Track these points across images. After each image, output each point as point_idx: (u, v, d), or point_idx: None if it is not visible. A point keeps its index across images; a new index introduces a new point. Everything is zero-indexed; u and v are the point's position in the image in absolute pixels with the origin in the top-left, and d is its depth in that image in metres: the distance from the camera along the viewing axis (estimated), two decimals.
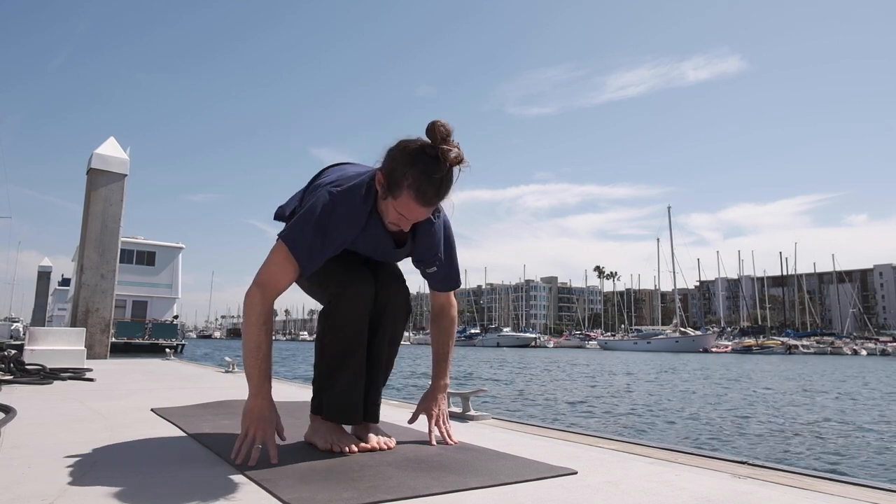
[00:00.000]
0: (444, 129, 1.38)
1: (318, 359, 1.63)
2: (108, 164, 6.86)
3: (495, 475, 1.36)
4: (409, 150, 1.41)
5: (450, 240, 1.71)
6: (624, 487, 1.31)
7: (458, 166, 1.40)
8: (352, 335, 1.57)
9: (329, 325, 1.58)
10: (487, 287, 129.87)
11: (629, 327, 73.79)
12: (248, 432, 1.44)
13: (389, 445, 1.63)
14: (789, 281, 79.99)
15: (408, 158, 1.40)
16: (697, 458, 1.66)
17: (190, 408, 2.41)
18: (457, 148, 1.39)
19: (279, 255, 1.48)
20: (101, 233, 6.72)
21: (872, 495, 1.29)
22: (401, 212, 1.45)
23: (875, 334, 64.42)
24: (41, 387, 3.33)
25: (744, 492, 1.29)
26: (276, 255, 1.48)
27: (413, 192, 1.40)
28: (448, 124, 1.39)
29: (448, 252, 1.70)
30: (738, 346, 50.66)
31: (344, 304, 1.55)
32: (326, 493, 1.18)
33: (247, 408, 1.47)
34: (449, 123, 1.40)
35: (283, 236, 1.49)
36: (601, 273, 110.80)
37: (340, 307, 1.55)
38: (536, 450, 1.72)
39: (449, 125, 1.39)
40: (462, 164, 1.41)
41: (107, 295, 6.74)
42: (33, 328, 4.87)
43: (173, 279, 32.37)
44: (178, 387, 3.49)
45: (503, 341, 64.84)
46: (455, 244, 1.73)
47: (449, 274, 1.73)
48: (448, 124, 1.39)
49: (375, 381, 1.69)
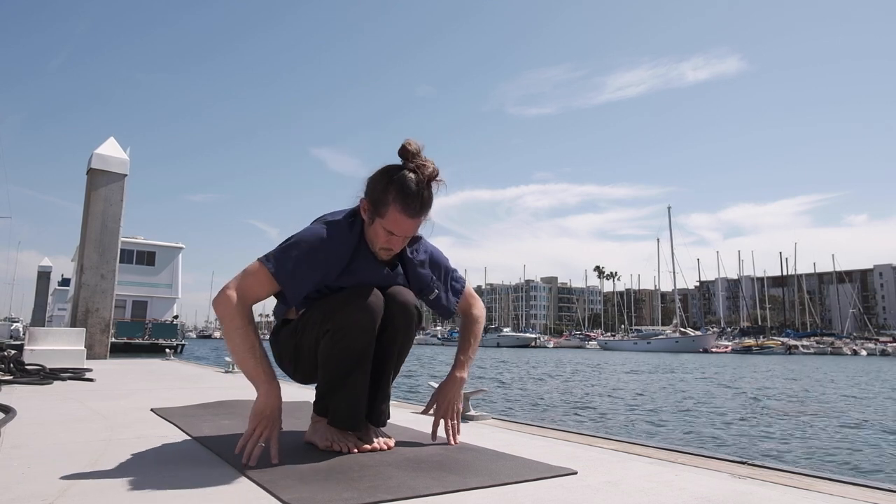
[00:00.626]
0: (415, 146, 1.49)
1: (325, 363, 1.58)
2: (108, 164, 6.86)
3: (495, 475, 1.36)
4: (388, 170, 1.50)
5: (437, 260, 1.74)
6: (624, 487, 1.31)
7: (434, 182, 1.49)
8: (361, 343, 1.53)
9: (338, 330, 1.52)
10: (487, 287, 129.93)
11: (629, 327, 73.78)
12: (255, 431, 1.43)
13: (389, 445, 1.63)
14: (789, 281, 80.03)
15: (388, 177, 1.48)
16: (697, 458, 1.66)
17: (190, 408, 2.41)
18: (431, 163, 1.49)
19: (259, 272, 1.48)
20: (101, 233, 6.72)
21: (872, 495, 1.29)
22: (390, 229, 1.49)
23: (875, 334, 64.40)
24: (41, 387, 3.33)
25: (744, 492, 1.30)
26: (255, 272, 1.48)
27: (399, 204, 1.46)
28: (417, 141, 1.50)
29: (440, 271, 1.74)
30: (738, 347, 50.66)
31: (355, 311, 1.51)
32: (326, 493, 1.18)
33: (257, 407, 1.45)
34: (418, 141, 1.50)
35: (262, 258, 1.49)
36: (601, 273, 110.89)
37: (351, 313, 1.51)
38: (536, 450, 1.72)
39: (418, 142, 1.50)
40: (438, 179, 1.49)
41: (107, 295, 6.74)
42: (33, 328, 4.87)
43: (173, 279, 32.37)
44: (178, 387, 3.49)
45: (503, 341, 64.81)
46: (446, 261, 1.77)
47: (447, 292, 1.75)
48: (417, 141, 1.50)
49: (383, 386, 1.67)
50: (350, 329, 1.51)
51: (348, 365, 1.54)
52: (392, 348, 1.63)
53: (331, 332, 1.52)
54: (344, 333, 1.51)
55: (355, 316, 1.50)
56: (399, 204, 1.46)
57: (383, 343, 1.60)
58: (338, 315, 1.51)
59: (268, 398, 1.44)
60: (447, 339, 77.16)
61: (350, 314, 1.50)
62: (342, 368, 1.54)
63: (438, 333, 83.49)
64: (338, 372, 1.55)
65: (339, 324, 1.51)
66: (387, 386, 1.68)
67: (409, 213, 1.47)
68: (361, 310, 1.50)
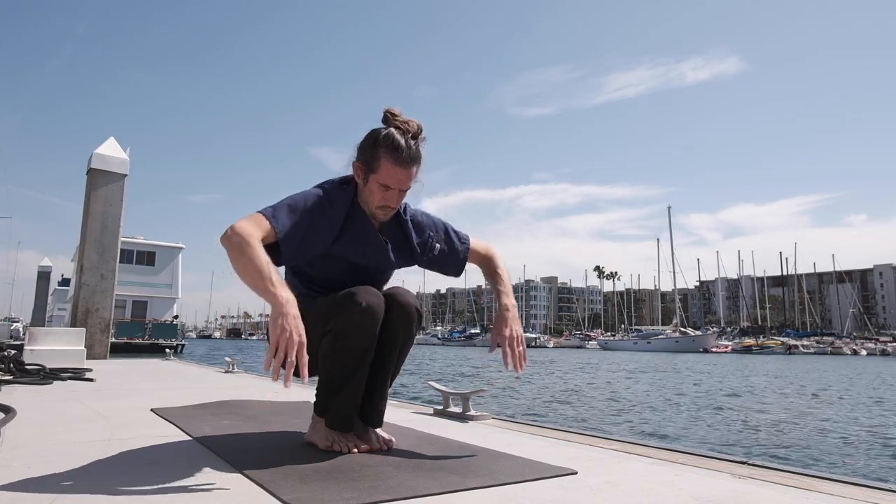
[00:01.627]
0: (395, 110, 1.58)
1: (326, 364, 1.57)
2: (108, 164, 6.85)
3: (495, 475, 1.36)
4: (375, 131, 1.57)
5: (432, 220, 1.77)
6: (624, 487, 1.31)
7: (419, 139, 1.57)
8: (362, 345, 1.52)
9: (339, 332, 1.51)
10: (487, 287, 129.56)
11: (629, 327, 73.71)
12: (279, 346, 1.27)
13: (389, 445, 1.63)
14: (789, 281, 79.98)
15: (376, 136, 1.56)
16: (697, 458, 1.66)
17: (190, 408, 2.41)
18: (414, 122, 1.57)
19: (256, 216, 1.47)
20: (101, 233, 6.72)
21: (872, 495, 1.30)
22: (384, 182, 1.54)
23: (875, 334, 64.39)
24: (41, 387, 3.33)
25: (744, 492, 1.30)
26: (253, 215, 1.47)
27: (389, 155, 1.52)
28: (396, 108, 1.60)
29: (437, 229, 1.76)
30: (738, 347, 50.65)
31: (356, 314, 1.49)
32: (327, 493, 1.18)
33: (273, 317, 1.31)
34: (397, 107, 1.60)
35: (262, 210, 1.49)
36: (601, 273, 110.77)
37: (352, 317, 1.50)
38: (536, 450, 1.72)
39: (397, 108, 1.59)
40: (422, 137, 1.58)
41: (107, 295, 6.74)
42: (33, 328, 4.87)
43: (173, 279, 32.36)
44: (178, 387, 3.49)
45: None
46: (443, 220, 1.79)
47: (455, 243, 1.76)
48: (396, 108, 1.60)
49: (381, 386, 1.66)
50: (351, 331, 1.50)
51: (349, 367, 1.53)
52: (392, 349, 1.62)
53: (332, 333, 1.52)
54: (345, 335, 1.50)
55: (356, 318, 1.49)
56: (390, 155, 1.52)
57: (383, 343, 1.59)
58: (339, 316, 1.50)
59: (283, 306, 1.31)
60: (447, 338, 77.15)
61: (351, 316, 1.49)
62: (343, 370, 1.54)
63: (438, 333, 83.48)
64: (338, 373, 1.55)
65: (340, 325, 1.50)
66: (384, 386, 1.67)
67: (401, 162, 1.53)
68: (362, 311, 1.49)
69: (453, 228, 1.80)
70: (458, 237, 1.79)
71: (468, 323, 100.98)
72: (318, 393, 1.63)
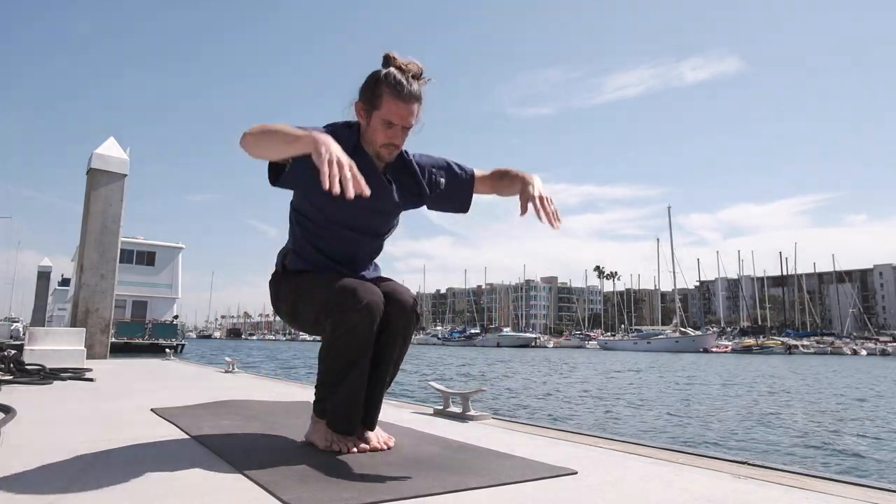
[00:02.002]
0: (394, 53, 1.58)
1: (324, 365, 1.57)
2: (108, 164, 6.85)
3: (495, 475, 1.36)
4: (376, 71, 1.58)
5: (433, 158, 1.76)
6: (624, 487, 1.31)
7: (420, 80, 1.57)
8: (359, 346, 1.52)
9: (336, 332, 1.51)
10: (487, 287, 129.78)
11: (629, 327, 73.68)
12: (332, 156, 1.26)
13: (389, 445, 1.63)
14: (789, 281, 79.98)
15: (377, 75, 1.56)
16: (697, 458, 1.66)
17: (190, 408, 2.41)
18: (415, 63, 1.57)
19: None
20: (101, 233, 6.71)
21: (872, 495, 1.29)
22: (387, 118, 1.54)
23: (875, 334, 64.37)
24: (41, 387, 3.33)
25: (744, 492, 1.29)
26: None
27: (391, 89, 1.53)
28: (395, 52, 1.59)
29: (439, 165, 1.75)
30: (737, 347, 50.64)
31: (355, 315, 1.48)
32: (326, 493, 1.18)
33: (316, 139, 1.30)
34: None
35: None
36: (601, 273, 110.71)
37: (351, 317, 1.49)
38: (536, 450, 1.72)
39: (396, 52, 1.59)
40: (423, 78, 1.58)
41: (107, 295, 6.74)
42: (33, 328, 4.87)
43: (173, 279, 32.37)
44: (178, 387, 3.49)
45: (503, 341, 64.82)
46: (444, 158, 1.78)
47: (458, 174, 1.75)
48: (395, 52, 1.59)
49: (379, 386, 1.65)
50: (348, 332, 1.49)
51: (346, 367, 1.53)
52: (390, 350, 1.62)
53: (328, 332, 1.51)
54: (342, 334, 1.50)
55: (355, 316, 1.48)
56: (392, 91, 1.53)
57: (381, 343, 1.59)
58: (336, 315, 1.49)
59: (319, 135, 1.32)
60: (447, 338, 77.20)
61: (348, 316, 1.48)
62: (340, 370, 1.54)
63: (438, 333, 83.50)
64: (336, 374, 1.55)
65: (337, 325, 1.49)
66: (382, 386, 1.67)
67: (404, 97, 1.53)
68: (360, 311, 1.48)
69: (455, 162, 1.79)
70: (460, 168, 1.77)
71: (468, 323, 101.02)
72: (317, 392, 1.63)
